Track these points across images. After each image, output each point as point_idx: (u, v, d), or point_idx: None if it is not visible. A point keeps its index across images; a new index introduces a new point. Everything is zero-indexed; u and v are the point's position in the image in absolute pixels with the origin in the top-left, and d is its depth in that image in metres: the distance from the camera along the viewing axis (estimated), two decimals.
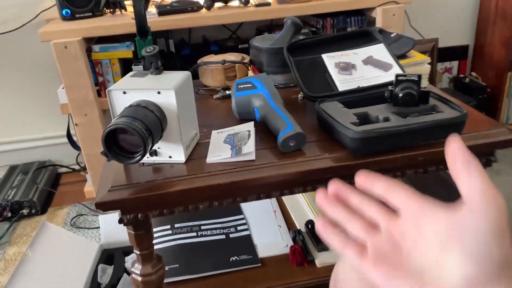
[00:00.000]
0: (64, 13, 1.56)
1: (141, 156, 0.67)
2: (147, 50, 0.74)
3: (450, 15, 2.20)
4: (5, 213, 1.71)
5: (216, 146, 0.79)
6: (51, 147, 2.07)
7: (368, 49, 0.98)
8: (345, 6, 1.64)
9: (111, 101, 0.72)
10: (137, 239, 0.77)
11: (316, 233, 1.01)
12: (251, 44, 1.08)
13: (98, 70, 1.58)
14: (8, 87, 1.92)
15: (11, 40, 1.83)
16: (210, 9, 1.62)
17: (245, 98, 0.86)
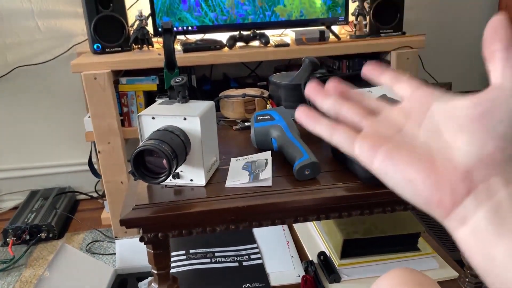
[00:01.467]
0: (96, 47, 1.66)
1: (165, 177, 0.71)
2: (176, 80, 0.80)
3: (463, 61, 2.26)
4: (24, 236, 1.75)
5: (235, 172, 0.83)
6: (72, 174, 2.13)
7: (382, 88, 1.03)
8: (360, 49, 1.72)
9: (141, 125, 0.77)
10: (156, 258, 0.80)
11: (328, 264, 1.02)
12: (271, 80, 1.14)
13: (123, 101, 1.66)
14: (37, 114, 2.02)
15: (45, 70, 1.94)
16: (232, 48, 1.70)
17: (263, 129, 0.91)
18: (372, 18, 1.78)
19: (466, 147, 0.29)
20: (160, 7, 1.69)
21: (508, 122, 0.28)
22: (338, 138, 0.34)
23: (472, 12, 2.19)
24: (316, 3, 1.78)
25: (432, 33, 2.14)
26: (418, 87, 0.34)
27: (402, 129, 0.32)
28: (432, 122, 0.31)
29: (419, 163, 0.30)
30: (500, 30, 0.30)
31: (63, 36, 1.92)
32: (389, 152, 0.31)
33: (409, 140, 0.31)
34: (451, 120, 0.30)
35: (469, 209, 0.28)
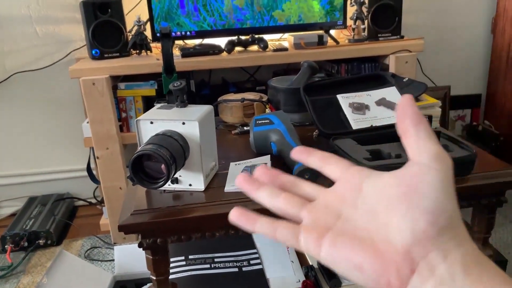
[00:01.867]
0: (94, 52, 1.66)
1: (164, 182, 0.71)
2: (175, 84, 0.79)
3: (462, 64, 2.27)
4: (22, 243, 1.74)
5: (234, 176, 0.83)
6: (70, 180, 2.12)
7: (381, 91, 1.03)
8: (359, 53, 1.72)
9: (139, 130, 0.77)
10: (155, 264, 0.80)
11: (329, 270, 1.01)
12: (269, 85, 1.14)
13: (122, 107, 1.66)
14: (35, 120, 2.01)
15: (42, 76, 1.94)
16: (230, 53, 1.70)
17: (262, 133, 0.91)
18: (370, 22, 1.78)
19: (400, 226, 0.30)
20: (159, 12, 1.69)
21: (432, 196, 0.29)
22: (281, 235, 0.34)
23: (470, 16, 2.20)
24: (314, 7, 1.79)
25: (431, 37, 2.15)
26: (347, 168, 0.35)
27: (340, 214, 0.33)
28: (366, 203, 0.32)
29: (363, 248, 0.30)
30: (408, 109, 0.32)
31: (61, 42, 1.92)
32: (332, 241, 0.32)
33: (349, 226, 0.32)
34: (382, 199, 0.31)
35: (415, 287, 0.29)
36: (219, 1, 1.72)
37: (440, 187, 0.30)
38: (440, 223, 0.29)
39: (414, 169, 0.31)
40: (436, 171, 0.30)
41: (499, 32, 2.15)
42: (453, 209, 0.30)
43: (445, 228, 0.29)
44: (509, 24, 2.08)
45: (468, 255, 0.29)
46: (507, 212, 1.85)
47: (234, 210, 0.37)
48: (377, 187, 0.32)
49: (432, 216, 0.29)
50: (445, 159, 0.31)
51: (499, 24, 2.14)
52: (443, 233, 0.29)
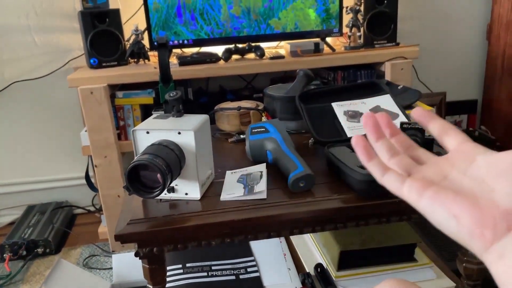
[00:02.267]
0: (92, 61, 1.67)
1: (160, 191, 0.72)
2: (171, 94, 0.80)
3: (457, 71, 2.28)
4: (21, 252, 1.74)
5: (230, 185, 0.84)
6: (69, 188, 2.13)
7: (375, 99, 1.04)
8: (355, 60, 1.73)
9: (135, 140, 0.78)
10: (151, 273, 0.80)
11: (326, 276, 1.01)
12: (265, 93, 1.15)
13: (120, 115, 1.67)
14: (33, 128, 2.02)
15: (40, 85, 1.95)
16: (227, 61, 1.72)
17: (258, 141, 0.92)
18: (366, 29, 1.79)
19: (507, 190, 0.32)
20: (156, 21, 1.71)
21: None
22: (388, 178, 0.37)
23: (465, 22, 2.22)
24: (311, 15, 1.80)
25: (426, 44, 2.17)
26: (464, 141, 0.38)
27: (447, 176, 0.36)
28: (476, 171, 0.35)
29: (464, 201, 0.33)
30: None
31: (59, 51, 1.93)
32: (436, 192, 0.34)
33: (454, 185, 0.35)
34: (494, 169, 0.34)
35: (507, 245, 0.30)
36: (216, 9, 1.73)
37: None
38: None
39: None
40: None
41: (494, 38, 2.17)
42: None
43: None
44: (504, 30, 2.10)
45: None
46: None
47: (358, 137, 0.39)
48: (491, 160, 0.34)
49: None
50: None
51: (494, 30, 2.16)
52: None
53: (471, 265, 0.91)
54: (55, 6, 1.89)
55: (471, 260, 0.91)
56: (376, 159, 0.39)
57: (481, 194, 0.33)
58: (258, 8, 1.76)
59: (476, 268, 0.91)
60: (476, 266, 0.91)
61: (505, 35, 2.09)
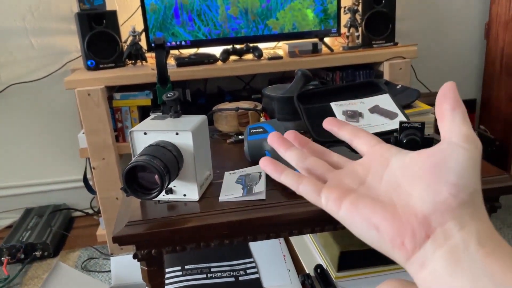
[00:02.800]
0: (89, 63, 1.67)
1: (158, 193, 0.71)
2: (168, 95, 0.80)
3: (456, 70, 2.28)
4: (19, 255, 1.73)
5: (229, 186, 0.83)
6: (67, 191, 2.12)
7: (374, 98, 1.04)
8: (353, 61, 1.73)
9: (133, 141, 0.77)
10: (150, 275, 0.79)
11: (325, 278, 1.01)
12: (264, 93, 1.15)
13: (117, 117, 1.66)
14: (31, 131, 2.01)
15: (37, 87, 1.94)
16: (225, 62, 1.71)
17: (257, 142, 0.91)
18: (364, 29, 1.79)
19: (423, 195, 0.31)
20: (153, 22, 1.70)
21: (457, 171, 0.31)
22: (304, 188, 0.36)
23: (463, 21, 2.22)
24: (308, 15, 1.80)
25: (424, 43, 2.16)
26: (377, 143, 0.37)
27: (364, 182, 0.35)
28: (391, 175, 0.34)
29: (383, 210, 0.32)
30: (449, 93, 0.34)
31: (56, 53, 1.93)
32: (354, 202, 0.33)
33: (371, 192, 0.34)
34: (408, 171, 0.33)
35: (428, 252, 0.30)
36: (214, 10, 1.73)
37: (466, 164, 0.31)
38: (461, 196, 0.30)
39: (443, 147, 0.32)
40: (465, 150, 0.31)
41: (493, 37, 2.17)
42: (475, 187, 0.31)
43: (465, 203, 0.30)
44: (502, 29, 2.10)
45: (484, 230, 0.30)
46: (505, 217, 1.85)
47: (264, 158, 0.39)
48: (405, 162, 0.33)
49: (455, 189, 0.30)
50: (475, 141, 0.32)
51: (492, 29, 2.16)
52: (463, 206, 0.30)
53: None
54: (52, 8, 1.88)
55: None
56: (288, 170, 0.37)
57: (399, 200, 0.32)
58: (255, 8, 1.75)
59: None
60: None
61: (503, 34, 2.09)
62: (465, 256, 0.28)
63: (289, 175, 0.37)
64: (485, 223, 0.31)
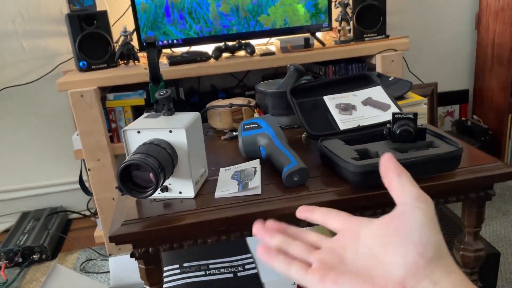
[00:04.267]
0: (81, 64, 1.66)
1: (153, 191, 0.71)
2: (161, 93, 0.80)
3: (448, 61, 2.29)
4: (16, 259, 1.72)
5: (224, 182, 0.83)
6: (63, 193, 2.11)
7: (367, 91, 1.04)
8: (345, 54, 1.73)
9: (126, 140, 0.77)
10: (148, 273, 0.79)
11: None
12: (257, 89, 1.15)
13: (111, 117, 1.66)
14: (24, 134, 2.00)
15: (30, 90, 1.93)
16: (218, 59, 1.71)
17: (251, 137, 0.91)
18: (355, 23, 1.79)
19: (394, 259, 0.34)
20: (144, 22, 1.70)
21: (418, 230, 0.34)
22: (293, 273, 0.39)
23: (454, 12, 2.22)
24: (299, 11, 1.80)
25: (416, 35, 2.17)
26: (346, 219, 0.41)
27: (343, 259, 0.38)
28: (365, 247, 0.37)
29: (362, 282, 0.35)
30: (390, 164, 0.38)
31: (48, 56, 1.92)
32: (335, 279, 0.36)
33: (350, 267, 0.37)
34: (376, 239, 0.36)
35: None
36: (204, 8, 1.72)
37: (424, 222, 0.34)
38: (428, 253, 0.33)
39: (400, 209, 0.36)
40: (420, 209, 0.35)
41: (483, 27, 2.18)
42: (438, 241, 0.34)
43: (433, 259, 0.33)
44: (492, 19, 2.11)
45: (456, 283, 0.32)
46: (500, 205, 1.87)
47: (261, 246, 0.43)
48: (372, 230, 0.37)
49: (421, 247, 0.33)
50: (426, 199, 0.36)
51: (483, 19, 2.17)
52: (432, 263, 0.33)
53: (468, 253, 0.91)
54: (42, 11, 1.87)
55: (468, 248, 0.91)
56: (280, 257, 0.41)
57: (376, 271, 0.35)
58: (246, 5, 1.75)
59: (473, 256, 0.91)
60: (473, 254, 0.91)
61: (494, 23, 2.10)
62: None
63: (281, 260, 0.40)
64: (457, 274, 0.33)
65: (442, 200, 0.84)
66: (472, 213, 0.88)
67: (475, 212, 0.88)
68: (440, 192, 0.83)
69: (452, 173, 0.82)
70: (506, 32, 2.03)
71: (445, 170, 0.81)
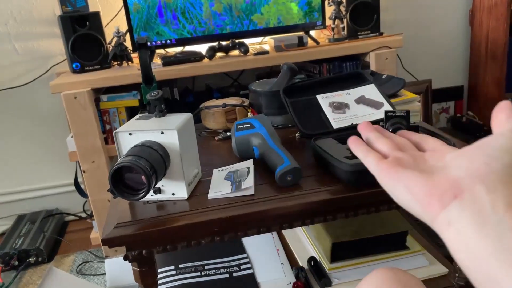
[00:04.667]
0: (74, 66, 1.65)
1: (145, 193, 0.71)
2: (152, 94, 0.79)
3: (442, 58, 2.29)
4: (12, 262, 1.72)
5: (217, 182, 0.83)
6: (59, 195, 2.11)
7: (360, 89, 1.04)
8: (339, 52, 1.73)
9: (118, 142, 0.76)
10: (142, 275, 0.79)
11: (319, 269, 1.01)
12: (250, 89, 1.14)
13: (105, 119, 1.65)
14: (19, 137, 1.99)
15: (24, 93, 1.92)
16: (211, 59, 1.71)
17: (244, 138, 0.91)
18: (349, 20, 1.79)
19: (459, 163, 0.35)
20: (137, 22, 1.69)
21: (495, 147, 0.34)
22: (368, 160, 0.43)
23: (447, 9, 2.22)
24: (293, 9, 1.80)
25: (410, 32, 2.17)
26: (442, 145, 0.43)
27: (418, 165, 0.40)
28: (441, 161, 0.39)
29: (418, 176, 0.37)
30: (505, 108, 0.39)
31: (41, 58, 1.91)
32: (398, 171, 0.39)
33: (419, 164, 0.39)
34: (455, 153, 0.38)
35: (454, 212, 0.32)
36: (198, 7, 1.72)
37: (505, 145, 0.34)
38: (493, 165, 0.33)
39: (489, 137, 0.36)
40: (508, 138, 0.35)
41: (477, 23, 2.18)
42: (509, 163, 0.33)
43: (497, 171, 0.32)
44: (486, 15, 2.11)
45: None
46: None
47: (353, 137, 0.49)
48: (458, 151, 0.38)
49: (489, 158, 0.33)
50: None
51: (476, 15, 2.17)
52: (494, 174, 0.32)
53: None
54: (34, 13, 1.86)
55: None
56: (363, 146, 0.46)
57: (440, 171, 0.36)
58: (239, 4, 1.74)
59: None
60: None
61: (487, 19, 2.10)
62: (492, 217, 0.30)
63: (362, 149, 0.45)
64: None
65: None
66: None
67: None
68: None
69: None
70: (499, 28, 2.04)
71: None
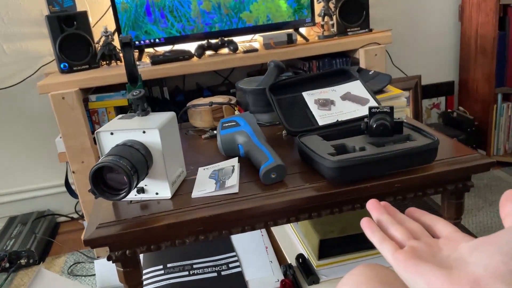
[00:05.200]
0: (62, 66, 1.64)
1: (126, 193, 0.70)
2: (133, 93, 0.79)
3: (432, 53, 2.30)
4: (3, 264, 1.71)
5: (202, 181, 0.82)
6: (50, 196, 2.09)
7: (345, 86, 1.04)
8: (329, 49, 1.73)
9: (100, 142, 0.76)
10: (126, 276, 0.79)
11: (307, 266, 1.01)
12: (237, 87, 1.14)
13: (94, 119, 1.64)
14: (7, 139, 1.98)
15: (12, 94, 1.91)
16: (201, 57, 1.70)
17: (229, 136, 0.91)
18: (338, 17, 1.79)
19: (477, 260, 0.36)
20: (125, 21, 1.68)
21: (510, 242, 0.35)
22: (385, 248, 0.42)
23: (437, 4, 2.23)
24: (282, 6, 1.79)
25: (399, 28, 2.17)
26: (455, 231, 0.43)
27: (434, 255, 0.40)
28: (459, 253, 0.39)
29: (439, 272, 0.36)
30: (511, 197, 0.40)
31: (30, 58, 1.89)
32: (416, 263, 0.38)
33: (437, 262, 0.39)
34: (472, 247, 0.38)
35: None
36: (186, 6, 1.71)
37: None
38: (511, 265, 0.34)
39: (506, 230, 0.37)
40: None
41: (467, 19, 2.18)
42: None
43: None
44: (475, 10, 2.11)
45: None
46: (487, 195, 1.88)
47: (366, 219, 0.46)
48: (472, 242, 0.39)
49: (507, 257, 0.34)
50: None
51: (466, 11, 2.18)
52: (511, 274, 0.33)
53: None
54: (22, 13, 1.84)
55: None
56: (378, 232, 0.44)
57: (458, 267, 0.37)
58: (228, 2, 1.74)
59: None
60: None
61: (477, 15, 2.11)
62: None
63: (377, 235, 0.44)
64: None
65: (420, 193, 0.84)
66: (451, 205, 0.89)
67: (454, 204, 0.88)
68: (418, 185, 0.83)
69: (429, 166, 0.82)
70: (489, 23, 2.04)
71: (422, 163, 0.81)
